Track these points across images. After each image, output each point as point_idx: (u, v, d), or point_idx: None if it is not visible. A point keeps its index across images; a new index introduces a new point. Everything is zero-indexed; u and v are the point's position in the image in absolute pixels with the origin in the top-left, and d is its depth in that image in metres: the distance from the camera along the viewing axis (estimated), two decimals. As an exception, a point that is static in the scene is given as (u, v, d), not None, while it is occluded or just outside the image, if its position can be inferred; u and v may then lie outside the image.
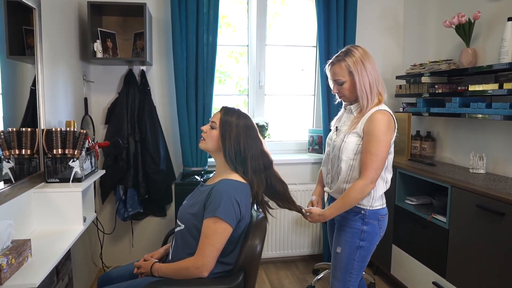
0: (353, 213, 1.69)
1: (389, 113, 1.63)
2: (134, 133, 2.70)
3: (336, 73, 1.67)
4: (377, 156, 1.57)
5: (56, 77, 2.09)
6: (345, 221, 1.72)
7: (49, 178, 1.85)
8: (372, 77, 1.63)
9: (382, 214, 1.72)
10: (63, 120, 2.15)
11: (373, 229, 1.69)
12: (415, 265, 2.40)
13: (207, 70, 2.74)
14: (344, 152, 1.66)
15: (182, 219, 1.52)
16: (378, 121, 1.59)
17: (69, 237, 1.66)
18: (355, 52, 1.64)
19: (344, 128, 1.72)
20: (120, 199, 2.71)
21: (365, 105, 1.63)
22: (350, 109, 1.75)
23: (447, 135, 2.74)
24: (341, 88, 1.68)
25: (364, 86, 1.62)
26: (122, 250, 2.96)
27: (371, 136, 1.58)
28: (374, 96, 1.63)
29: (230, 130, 1.51)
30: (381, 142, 1.57)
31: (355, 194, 1.60)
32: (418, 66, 2.83)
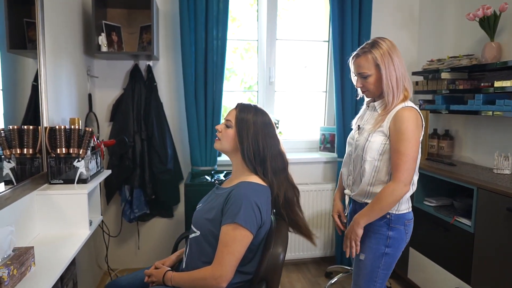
0: (378, 218, 1.57)
1: (416, 110, 1.52)
2: (140, 131, 2.58)
3: (362, 65, 1.55)
4: (407, 156, 1.45)
5: (59, 72, 1.97)
6: (369, 226, 1.59)
7: (53, 179, 1.74)
8: (399, 71, 1.52)
9: (409, 219, 1.61)
10: (67, 117, 2.04)
11: (399, 234, 1.58)
12: (435, 270, 2.29)
13: (217, 65, 2.62)
14: (369, 152, 1.55)
15: (198, 225, 1.40)
16: (406, 118, 1.47)
17: (74, 243, 1.55)
18: (382, 44, 1.53)
19: (367, 126, 1.61)
20: (126, 199, 2.60)
21: (391, 101, 1.52)
22: (373, 106, 1.63)
23: (467, 134, 2.63)
24: (366, 82, 1.57)
25: (390, 81, 1.51)
26: (127, 252, 2.85)
27: (400, 134, 1.47)
28: (400, 92, 1.53)
29: (248, 128, 1.40)
30: (410, 141, 1.46)
31: (387, 199, 1.48)
32: (436, 61, 2.71)
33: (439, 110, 2.59)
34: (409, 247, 2.53)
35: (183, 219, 2.85)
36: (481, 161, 2.49)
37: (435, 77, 2.61)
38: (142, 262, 2.88)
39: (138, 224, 2.79)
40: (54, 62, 1.88)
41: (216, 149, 2.65)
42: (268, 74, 3.03)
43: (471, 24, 2.44)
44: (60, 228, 1.65)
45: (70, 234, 1.63)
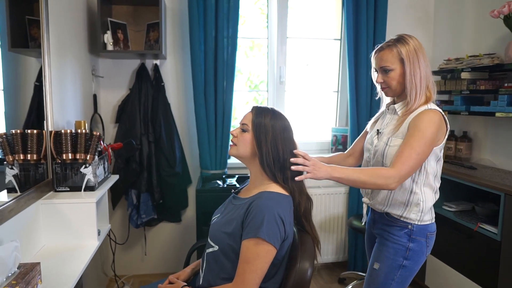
0: (398, 227, 1.47)
1: (441, 113, 1.41)
2: (147, 133, 2.48)
3: (385, 59, 1.45)
4: (417, 153, 1.33)
5: (64, 72, 1.87)
6: (388, 236, 1.50)
7: (59, 186, 1.64)
8: (424, 71, 1.42)
9: (431, 231, 1.49)
10: (72, 120, 1.94)
11: (420, 247, 1.46)
12: (456, 277, 2.20)
13: (227, 64, 2.52)
14: (389, 157, 1.43)
15: (216, 239, 1.30)
16: (428, 118, 1.36)
17: (82, 256, 1.45)
18: (409, 40, 1.44)
19: (387, 130, 1.50)
20: (133, 204, 2.50)
21: (413, 98, 1.42)
22: (393, 109, 1.52)
23: (487, 136, 2.53)
24: (387, 77, 1.46)
25: (414, 78, 1.41)
26: (134, 258, 2.76)
27: (416, 130, 1.35)
28: (423, 91, 1.43)
29: (266, 133, 1.30)
30: (425, 139, 1.34)
31: (377, 179, 1.32)
32: (454, 60, 2.60)
33: (457, 111, 2.49)
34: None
35: (191, 224, 2.76)
36: (502, 165, 2.39)
37: (454, 77, 2.51)
38: (149, 268, 2.78)
39: (145, 229, 2.70)
40: (58, 62, 1.77)
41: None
42: (279, 73, 2.92)
43: (492, 21, 2.34)
44: (67, 239, 1.55)
45: (77, 246, 1.53)
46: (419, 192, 1.44)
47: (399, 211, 1.46)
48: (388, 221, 1.50)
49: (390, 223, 1.49)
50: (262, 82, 3.02)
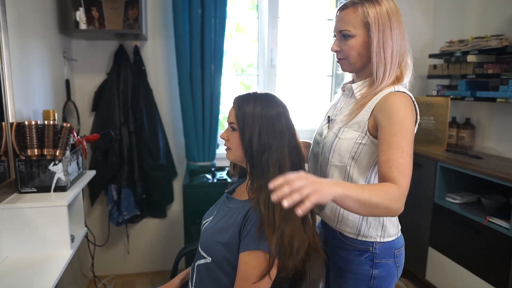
0: (357, 251, 1.14)
1: (411, 98, 1.08)
2: (127, 122, 2.25)
3: (345, 21, 1.10)
4: (410, 156, 1.00)
5: (28, 55, 1.62)
6: (345, 265, 1.16)
7: (23, 187, 1.42)
8: (396, 43, 1.09)
9: (399, 247, 1.16)
10: (40, 109, 1.70)
11: (387, 271, 1.14)
12: (460, 273, 2.08)
13: (216, 47, 2.29)
14: (336, 153, 1.11)
15: (208, 249, 1.11)
16: (400, 103, 1.03)
17: (53, 268, 1.25)
18: (382, 1, 1.09)
19: (340, 117, 1.16)
20: (113, 201, 2.28)
21: (380, 77, 1.09)
22: (350, 90, 1.18)
23: (491, 123, 2.39)
24: (346, 45, 1.11)
25: (383, 51, 1.07)
26: (116, 257, 2.55)
27: (396, 125, 1.00)
28: (394, 69, 1.10)
29: (250, 125, 1.07)
30: (410, 132, 1.02)
31: (389, 202, 0.92)
32: (457, 43, 2.44)
33: (463, 97, 2.34)
34: (429, 246, 2.32)
35: (177, 220, 2.56)
36: (508, 153, 2.26)
37: (459, 60, 2.35)
38: (132, 267, 2.59)
39: (127, 226, 2.49)
40: (20, 42, 1.52)
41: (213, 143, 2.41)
42: (270, 56, 2.71)
43: (498, 1, 2.17)
44: (34, 249, 1.34)
45: (47, 256, 1.33)
46: None
47: (354, 229, 1.13)
48: (342, 243, 1.16)
49: (346, 246, 1.15)
50: (250, 66, 2.80)
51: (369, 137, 1.07)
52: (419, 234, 2.39)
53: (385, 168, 0.98)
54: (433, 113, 2.48)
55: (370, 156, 1.09)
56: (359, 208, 0.89)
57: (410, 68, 1.15)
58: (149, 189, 2.34)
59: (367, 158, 1.09)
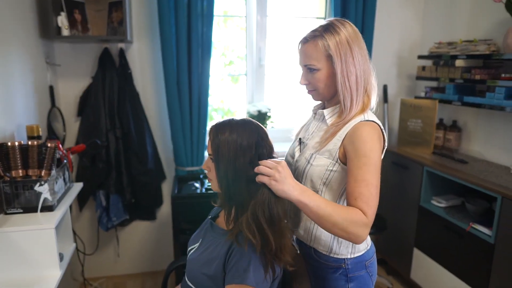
0: (331, 269, 1.20)
1: (379, 126, 1.13)
2: (114, 128, 2.22)
3: (309, 55, 1.13)
4: (376, 186, 1.05)
5: (9, 65, 1.57)
6: (323, 282, 1.22)
7: (9, 208, 1.40)
8: (360, 68, 1.12)
9: (369, 258, 1.23)
10: (23, 122, 1.66)
11: (362, 282, 1.21)
12: (444, 275, 2.15)
13: (203, 46, 2.24)
14: (309, 179, 1.16)
15: (194, 280, 1.12)
16: (369, 137, 1.07)
17: (41, 293, 1.25)
18: (340, 28, 1.11)
19: (311, 142, 1.20)
20: (102, 206, 2.27)
21: (348, 107, 1.12)
22: (321, 115, 1.22)
23: (478, 127, 2.42)
24: (313, 79, 1.15)
25: (348, 80, 1.10)
26: (106, 260, 2.56)
27: (364, 158, 1.05)
28: (360, 96, 1.13)
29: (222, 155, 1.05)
30: (375, 165, 1.06)
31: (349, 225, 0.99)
32: (446, 44, 2.44)
33: (450, 101, 2.35)
34: (414, 247, 2.38)
35: (166, 221, 2.58)
36: (493, 158, 2.30)
37: (447, 64, 2.35)
38: (123, 269, 2.60)
39: (117, 229, 2.49)
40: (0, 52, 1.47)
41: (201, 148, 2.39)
42: (258, 55, 2.67)
43: (490, 4, 2.17)
44: (22, 271, 1.33)
45: (35, 279, 1.32)
46: None
47: (326, 247, 1.19)
48: (317, 262, 1.23)
49: (321, 266, 1.22)
50: (239, 58, 2.76)
51: (340, 164, 1.12)
52: (405, 235, 2.45)
53: (351, 199, 1.05)
54: (421, 116, 2.50)
55: (340, 182, 1.14)
56: (316, 221, 1.02)
57: (375, 89, 1.19)
58: (138, 193, 2.33)
59: (338, 183, 1.15)
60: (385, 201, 2.59)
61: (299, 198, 0.99)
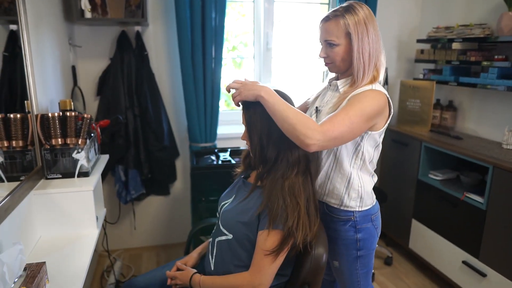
0: (342, 222, 1.38)
1: (386, 96, 1.28)
2: (133, 107, 2.35)
3: (330, 31, 1.28)
4: (351, 122, 1.17)
5: (43, 43, 1.69)
6: (334, 232, 1.40)
7: (49, 173, 1.54)
8: (373, 47, 1.27)
9: (374, 212, 1.41)
10: (55, 98, 1.79)
11: (369, 233, 1.39)
12: (440, 242, 2.33)
13: (216, 29, 2.37)
14: None
15: (230, 227, 1.28)
16: (371, 94, 1.23)
17: (85, 247, 1.40)
18: (358, 10, 1.26)
19: (326, 108, 1.36)
20: (121, 181, 2.41)
21: (360, 77, 1.28)
22: (335, 86, 1.37)
23: (472, 106, 2.58)
24: (332, 53, 1.29)
25: (362, 55, 1.26)
26: (123, 232, 2.71)
27: (356, 101, 1.21)
28: (371, 70, 1.29)
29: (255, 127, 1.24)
30: (363, 112, 1.19)
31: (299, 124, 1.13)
32: (444, 29, 2.59)
33: (447, 82, 2.51)
34: (412, 218, 2.56)
35: (179, 196, 2.73)
36: (486, 135, 2.47)
37: (445, 47, 2.50)
38: (139, 241, 2.76)
39: (133, 204, 2.64)
40: (36, 35, 1.59)
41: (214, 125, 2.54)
42: (266, 39, 2.80)
43: (485, -11, 2.31)
44: (64, 229, 1.48)
45: (76, 236, 1.47)
46: (357, 178, 1.34)
47: (338, 200, 1.36)
48: (329, 216, 1.41)
49: (332, 218, 1.40)
50: (241, 43, 2.89)
51: None
52: (404, 207, 2.63)
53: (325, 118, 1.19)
54: (419, 96, 2.65)
55: (352, 141, 1.29)
56: (273, 115, 1.17)
57: (384, 65, 1.35)
58: (154, 169, 2.48)
59: (350, 142, 1.30)
60: (386, 176, 2.77)
61: (260, 93, 1.16)
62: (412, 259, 2.68)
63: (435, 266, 2.39)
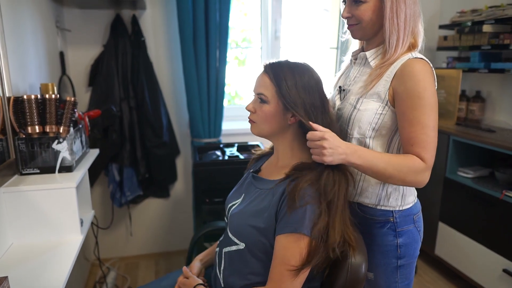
0: (379, 223, 1.12)
1: (430, 64, 1.04)
2: (128, 98, 2.11)
3: None
4: (433, 128, 0.99)
5: (21, 23, 1.45)
6: (370, 239, 1.14)
7: (25, 168, 1.29)
8: (410, 7, 1.03)
9: (417, 211, 1.16)
10: (36, 83, 1.55)
11: (411, 237, 1.13)
12: (473, 247, 2.07)
13: (221, 12, 2.13)
14: (356, 125, 1.07)
15: (241, 234, 1.02)
16: (422, 74, 0.98)
17: (65, 256, 1.15)
18: None
19: (355, 87, 1.11)
20: (115, 181, 2.17)
21: (394, 44, 1.03)
22: (363, 58, 1.13)
23: (503, 95, 2.33)
24: (358, 10, 1.04)
25: (397, 16, 1.01)
26: (117, 239, 2.46)
27: (417, 99, 0.98)
28: (407, 36, 1.05)
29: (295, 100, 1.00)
30: (431, 105, 0.99)
31: (409, 175, 0.98)
32: (470, 12, 2.35)
33: (476, 69, 2.27)
34: (439, 221, 2.30)
35: (181, 199, 2.48)
36: (521, 126, 2.22)
37: (473, 30, 2.26)
38: (136, 249, 2.51)
39: (129, 207, 2.38)
40: (12, 9, 1.36)
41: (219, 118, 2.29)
42: (274, 27, 2.57)
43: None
44: (41, 235, 1.23)
45: (56, 243, 1.22)
46: None
47: (374, 198, 1.12)
48: (362, 218, 1.14)
49: (367, 222, 1.14)
50: (244, 40, 2.67)
51: (390, 107, 1.04)
52: (429, 209, 2.37)
53: (408, 146, 1.01)
54: (444, 86, 2.41)
55: (390, 126, 1.06)
56: (372, 176, 1.01)
57: (421, 34, 1.10)
58: (152, 168, 2.23)
59: (387, 128, 1.07)
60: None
61: (349, 159, 0.96)
62: (439, 267, 2.41)
63: (467, 275, 2.12)
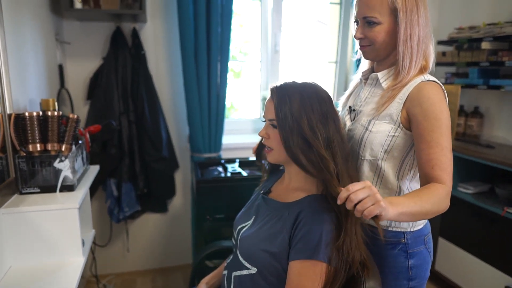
0: (390, 245, 1.10)
1: (441, 86, 1.04)
2: (127, 111, 2.08)
3: (372, 6, 1.02)
4: (450, 151, 0.99)
5: (22, 36, 1.43)
6: (380, 260, 1.12)
7: (25, 187, 1.25)
8: (423, 29, 1.03)
9: (427, 232, 1.14)
10: (36, 97, 1.52)
11: (422, 258, 1.11)
12: (474, 264, 2.06)
13: (223, 25, 2.12)
14: (368, 147, 1.06)
15: (252, 259, 1.00)
16: (437, 97, 0.99)
17: (66, 280, 1.11)
18: None
19: (367, 108, 1.11)
20: (113, 196, 2.12)
21: (407, 67, 1.03)
22: (375, 79, 1.13)
23: (502, 111, 2.36)
24: (372, 32, 1.04)
25: (410, 38, 1.02)
26: (114, 255, 2.40)
27: (434, 120, 0.97)
28: (419, 58, 1.04)
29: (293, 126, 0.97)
30: (447, 126, 0.99)
31: (439, 205, 0.94)
32: (467, 29, 2.38)
33: (475, 85, 2.29)
34: (439, 237, 2.29)
35: (179, 214, 2.44)
36: (519, 143, 2.24)
37: (472, 47, 2.29)
38: (133, 265, 2.45)
39: (127, 222, 2.33)
40: (14, 22, 1.33)
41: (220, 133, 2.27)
42: (274, 40, 2.57)
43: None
44: (41, 257, 1.19)
45: (57, 266, 1.18)
46: (407, 191, 1.09)
47: (385, 220, 1.07)
48: (373, 239, 1.09)
49: (377, 242, 1.10)
50: (241, 53, 2.67)
51: (402, 129, 1.04)
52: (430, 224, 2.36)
53: (428, 168, 0.98)
54: (443, 102, 2.42)
55: (402, 148, 1.06)
56: (411, 219, 0.96)
57: (432, 56, 1.10)
58: (151, 182, 2.19)
59: (399, 150, 1.06)
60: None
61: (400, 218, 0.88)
62: (439, 282, 2.40)
63: (468, 291, 2.12)
